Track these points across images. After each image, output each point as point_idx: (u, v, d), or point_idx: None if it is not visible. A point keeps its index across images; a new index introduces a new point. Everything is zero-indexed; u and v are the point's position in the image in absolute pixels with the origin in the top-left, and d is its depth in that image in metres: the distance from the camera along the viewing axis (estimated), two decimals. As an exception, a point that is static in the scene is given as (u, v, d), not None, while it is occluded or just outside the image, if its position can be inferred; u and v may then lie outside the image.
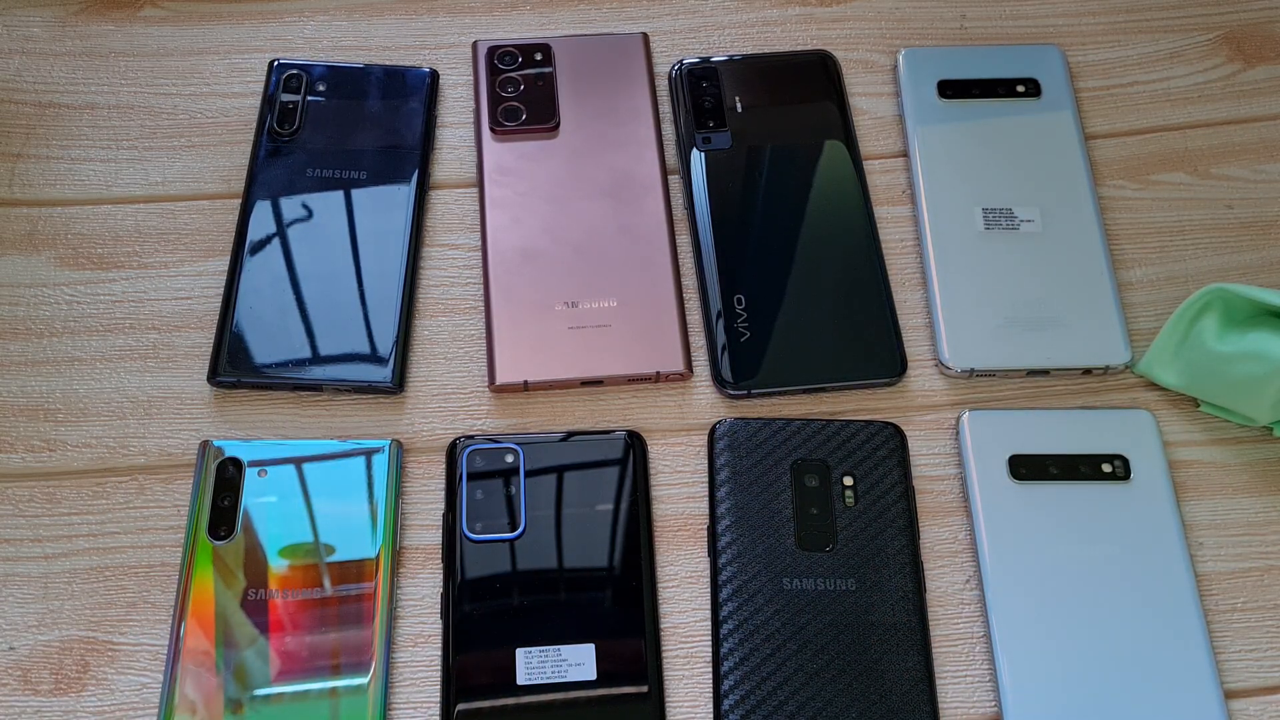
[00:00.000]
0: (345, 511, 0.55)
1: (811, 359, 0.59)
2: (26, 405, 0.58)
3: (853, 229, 0.63)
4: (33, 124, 0.67)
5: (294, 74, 0.67)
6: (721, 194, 0.63)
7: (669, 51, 0.70)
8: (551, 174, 0.64)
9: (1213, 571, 0.55)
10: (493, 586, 0.53)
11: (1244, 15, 0.72)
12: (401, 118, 0.66)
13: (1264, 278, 0.63)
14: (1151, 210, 0.65)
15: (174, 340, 0.60)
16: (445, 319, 0.61)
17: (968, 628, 0.54)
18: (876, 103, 0.68)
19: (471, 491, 0.55)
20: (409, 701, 0.52)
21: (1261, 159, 0.67)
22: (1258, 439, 0.59)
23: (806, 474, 0.56)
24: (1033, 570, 0.54)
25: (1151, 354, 0.59)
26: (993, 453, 0.57)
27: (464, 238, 0.64)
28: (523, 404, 0.59)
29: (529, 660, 0.51)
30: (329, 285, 0.60)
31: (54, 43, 0.69)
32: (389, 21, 0.70)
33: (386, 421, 0.59)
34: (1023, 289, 0.61)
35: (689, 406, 0.59)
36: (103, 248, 0.63)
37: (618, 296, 0.60)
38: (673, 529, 0.56)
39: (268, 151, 0.64)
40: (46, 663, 0.52)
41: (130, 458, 0.57)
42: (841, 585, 0.53)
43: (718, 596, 0.53)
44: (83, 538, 0.55)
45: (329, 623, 0.52)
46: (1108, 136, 0.68)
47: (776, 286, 0.61)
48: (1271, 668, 0.53)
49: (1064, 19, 0.72)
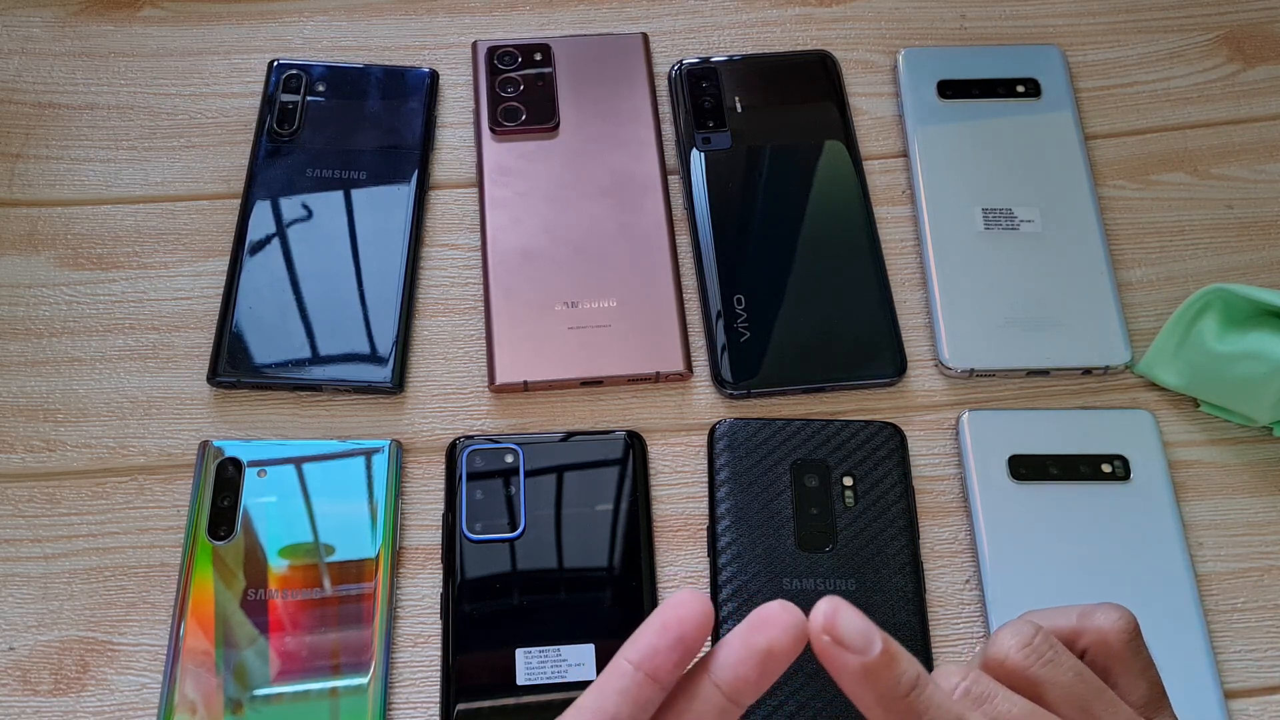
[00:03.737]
0: (345, 511, 0.55)
1: (811, 359, 0.59)
2: (26, 405, 0.58)
3: (852, 229, 0.63)
4: (33, 124, 0.67)
5: (294, 74, 0.67)
6: (721, 194, 0.63)
7: (669, 51, 0.70)
8: (551, 174, 0.64)
9: (1213, 571, 0.55)
10: (492, 586, 0.53)
11: (1244, 15, 0.72)
12: (401, 118, 0.66)
13: (1264, 278, 0.63)
14: (1151, 210, 0.65)
15: (174, 340, 0.60)
16: (445, 319, 0.61)
17: (968, 628, 0.54)
18: (876, 103, 0.68)
19: (471, 491, 0.55)
20: (409, 701, 0.52)
21: (1261, 159, 0.67)
22: (1258, 439, 0.59)
23: (806, 474, 0.56)
24: (1033, 570, 0.54)
25: (1151, 354, 0.59)
26: (992, 453, 0.57)
27: (464, 238, 0.64)
28: (523, 404, 0.59)
29: (529, 660, 0.51)
30: (329, 285, 0.60)
31: (54, 43, 0.69)
32: (389, 21, 0.70)
33: (386, 421, 0.59)
34: (1023, 289, 0.61)
35: (689, 406, 0.59)
36: (102, 248, 0.63)
37: (617, 296, 0.60)
38: (673, 529, 0.56)
39: (267, 151, 0.64)
40: (46, 663, 0.52)
41: (130, 458, 0.57)
42: (841, 585, 0.53)
43: (718, 596, 0.53)
44: (82, 538, 0.55)
45: (329, 623, 0.52)
46: (1108, 136, 0.68)
47: (776, 286, 0.61)
48: (1271, 668, 0.53)
49: (1064, 19, 0.72)
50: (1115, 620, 0.36)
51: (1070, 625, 0.36)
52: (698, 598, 0.31)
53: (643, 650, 0.30)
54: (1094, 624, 0.36)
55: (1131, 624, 0.36)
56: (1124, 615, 0.36)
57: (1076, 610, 0.36)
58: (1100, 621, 0.36)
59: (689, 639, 0.30)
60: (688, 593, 0.31)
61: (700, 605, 0.30)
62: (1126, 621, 0.36)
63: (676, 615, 0.30)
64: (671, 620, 0.30)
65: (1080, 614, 0.36)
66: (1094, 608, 0.36)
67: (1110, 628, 0.35)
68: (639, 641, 0.30)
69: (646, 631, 0.30)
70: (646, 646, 0.30)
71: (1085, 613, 0.36)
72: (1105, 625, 0.35)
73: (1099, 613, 0.36)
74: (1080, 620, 0.36)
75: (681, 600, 0.31)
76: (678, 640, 0.30)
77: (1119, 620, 0.36)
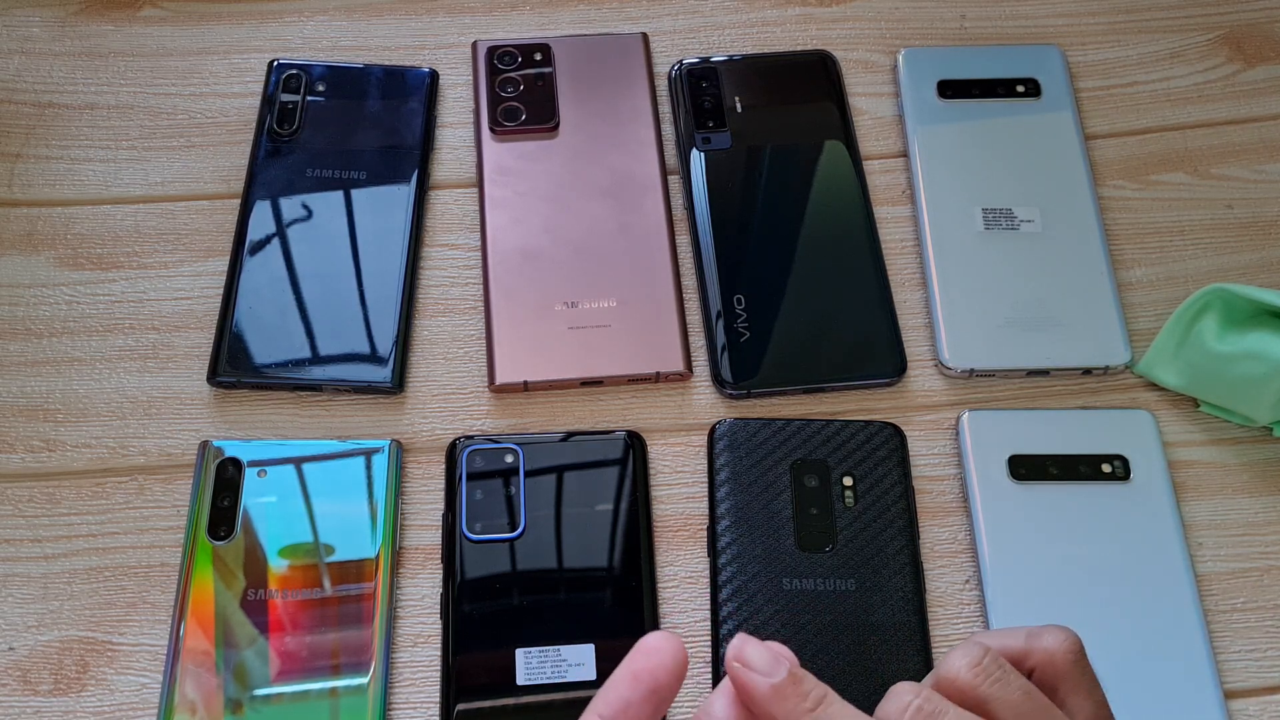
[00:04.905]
0: (345, 511, 0.55)
1: (811, 359, 0.59)
2: (26, 406, 0.58)
3: (852, 229, 0.63)
4: (32, 124, 0.67)
5: (294, 74, 0.67)
6: (721, 194, 0.63)
7: (669, 51, 0.70)
8: (551, 174, 0.64)
9: (1212, 571, 0.55)
10: (492, 586, 0.53)
11: (1244, 15, 0.72)
12: (401, 118, 0.66)
13: (1264, 278, 0.63)
14: (1151, 210, 0.65)
15: (174, 340, 0.60)
16: (445, 319, 0.61)
17: (968, 628, 0.54)
18: (876, 103, 0.68)
19: (471, 491, 0.55)
20: (409, 701, 0.52)
21: (1261, 159, 0.67)
22: (1258, 439, 0.59)
23: (806, 474, 0.56)
24: (1033, 570, 0.54)
25: (1151, 354, 0.59)
26: (992, 453, 0.57)
27: (464, 238, 0.64)
28: (522, 404, 0.59)
29: (529, 660, 0.51)
30: (329, 285, 0.60)
31: (54, 43, 0.69)
32: (389, 21, 0.70)
33: (386, 421, 0.59)
34: (1023, 289, 0.61)
35: (689, 406, 0.59)
36: (102, 248, 0.63)
37: (617, 296, 0.60)
38: (672, 529, 0.56)
39: (267, 151, 0.64)
40: (46, 663, 0.52)
41: (130, 458, 0.57)
42: (841, 585, 0.53)
43: (717, 597, 0.53)
44: (82, 538, 0.55)
45: (329, 623, 0.52)
46: (1108, 136, 0.68)
47: (776, 286, 0.61)
48: (1271, 668, 0.53)
49: (1064, 19, 0.72)
50: (1062, 641, 0.37)
51: (1019, 646, 0.37)
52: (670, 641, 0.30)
53: (615, 705, 0.30)
54: (1041, 645, 0.37)
55: (1077, 644, 0.37)
56: (1070, 636, 0.37)
57: (1024, 631, 0.38)
58: (1047, 642, 0.37)
59: (663, 689, 0.30)
60: (660, 636, 0.31)
61: (673, 650, 0.30)
62: (1072, 642, 0.37)
63: (648, 666, 0.30)
64: (643, 671, 0.30)
65: (1028, 635, 0.37)
66: (1041, 629, 0.37)
67: (1057, 648, 0.37)
68: (610, 694, 0.30)
69: (618, 683, 0.30)
70: (619, 700, 0.30)
71: (1033, 634, 0.37)
72: (1052, 645, 0.37)
73: (1046, 634, 0.37)
74: (1028, 641, 0.37)
75: (654, 646, 0.30)
76: (650, 692, 0.30)
77: (1065, 640, 0.37)
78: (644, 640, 0.31)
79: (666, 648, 0.30)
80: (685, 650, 0.31)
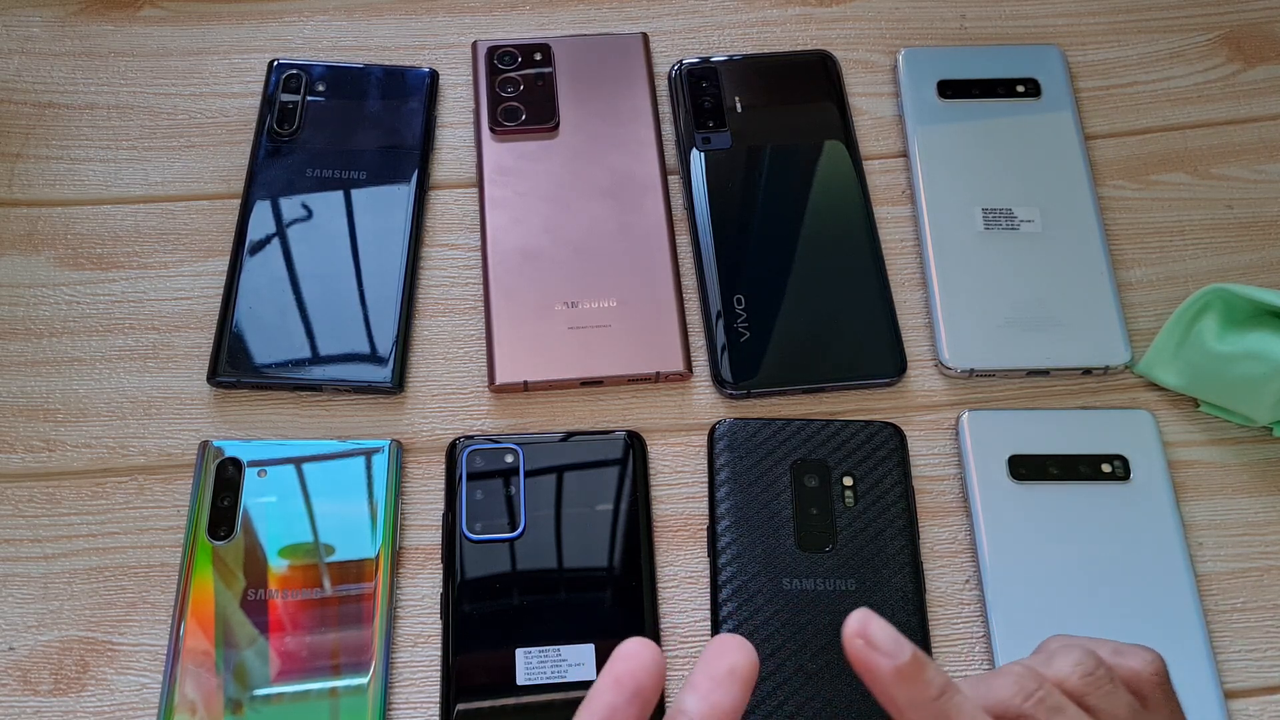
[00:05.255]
0: (345, 511, 0.55)
1: (811, 359, 0.59)
2: (26, 405, 0.58)
3: (852, 229, 0.63)
4: (32, 124, 0.67)
5: (294, 74, 0.67)
6: (721, 194, 0.63)
7: (669, 51, 0.70)
8: (551, 174, 0.64)
9: (1212, 571, 0.55)
10: (492, 586, 0.53)
11: (1244, 15, 0.72)
12: (401, 118, 0.66)
13: (1264, 278, 0.63)
14: (1151, 210, 0.65)
15: (174, 340, 0.60)
16: (445, 319, 0.61)
17: (968, 628, 0.54)
18: (876, 103, 0.68)
19: (471, 491, 0.55)
20: (409, 701, 0.52)
21: (1261, 159, 0.67)
22: (1258, 439, 0.59)
23: (806, 474, 0.56)
24: (1033, 570, 0.54)
25: (1151, 354, 0.59)
26: (992, 453, 0.57)
27: (464, 238, 0.64)
28: (522, 404, 0.59)
29: (529, 660, 0.51)
30: (329, 285, 0.60)
31: (54, 43, 0.69)
32: (389, 21, 0.70)
33: (386, 421, 0.59)
34: (1023, 289, 0.61)
35: (689, 406, 0.59)
36: (102, 248, 0.63)
37: (617, 296, 0.60)
38: (672, 529, 0.56)
39: (267, 151, 0.64)
40: (46, 663, 0.52)
41: (130, 458, 0.57)
42: (841, 586, 0.53)
43: (717, 597, 0.53)
44: (82, 538, 0.55)
45: (329, 623, 0.52)
46: (1108, 136, 0.68)
47: (776, 286, 0.61)
48: (1271, 668, 0.53)
49: (1064, 19, 0.72)
50: (1149, 662, 0.37)
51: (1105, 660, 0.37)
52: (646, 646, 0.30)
53: (601, 712, 0.30)
54: (1127, 663, 0.37)
55: (1163, 667, 0.37)
56: (1156, 658, 0.37)
57: (1110, 646, 0.37)
58: (1134, 662, 0.37)
59: (646, 691, 0.30)
60: (636, 642, 0.30)
61: (650, 653, 0.30)
62: (1159, 664, 0.37)
63: (629, 669, 0.30)
64: (625, 674, 0.30)
65: (1114, 650, 0.37)
66: (1126, 647, 0.37)
67: (1144, 668, 0.37)
68: (595, 702, 0.30)
69: (602, 690, 0.30)
70: (604, 707, 0.30)
71: (1119, 650, 0.37)
72: (1138, 665, 0.37)
73: (1132, 653, 0.37)
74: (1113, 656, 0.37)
75: (631, 651, 0.30)
76: (634, 694, 0.30)
77: (1152, 662, 0.37)
78: (621, 646, 0.31)
79: (645, 651, 0.30)
80: (663, 655, 0.31)
